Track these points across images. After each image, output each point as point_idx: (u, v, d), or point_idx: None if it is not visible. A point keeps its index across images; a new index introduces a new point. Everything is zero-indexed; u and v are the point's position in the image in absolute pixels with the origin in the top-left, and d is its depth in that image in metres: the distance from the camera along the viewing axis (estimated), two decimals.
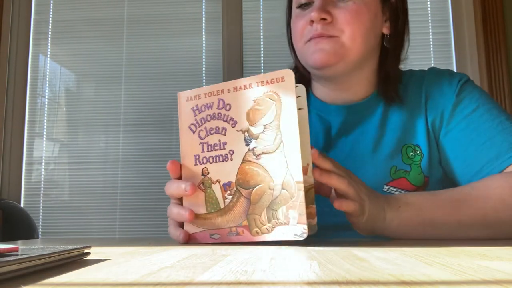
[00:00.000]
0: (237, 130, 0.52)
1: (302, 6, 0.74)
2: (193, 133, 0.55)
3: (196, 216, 0.54)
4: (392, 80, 0.76)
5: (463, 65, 1.86)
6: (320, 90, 0.79)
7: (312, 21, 0.70)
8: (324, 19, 0.69)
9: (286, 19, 0.82)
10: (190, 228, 0.54)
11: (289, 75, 0.50)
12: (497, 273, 0.26)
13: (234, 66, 1.93)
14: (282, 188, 0.49)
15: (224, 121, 0.53)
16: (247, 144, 0.51)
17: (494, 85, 1.81)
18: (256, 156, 0.50)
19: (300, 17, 0.73)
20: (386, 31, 0.76)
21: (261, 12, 1.98)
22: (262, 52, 1.95)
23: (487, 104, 0.71)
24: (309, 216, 0.50)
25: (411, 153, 0.73)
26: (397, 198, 0.61)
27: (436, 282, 0.23)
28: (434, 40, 1.89)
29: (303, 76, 0.81)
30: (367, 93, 0.77)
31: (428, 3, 1.90)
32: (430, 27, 1.89)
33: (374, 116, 0.76)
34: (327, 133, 0.77)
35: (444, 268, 0.28)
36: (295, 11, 0.76)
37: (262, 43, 1.96)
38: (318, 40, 0.70)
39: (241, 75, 1.92)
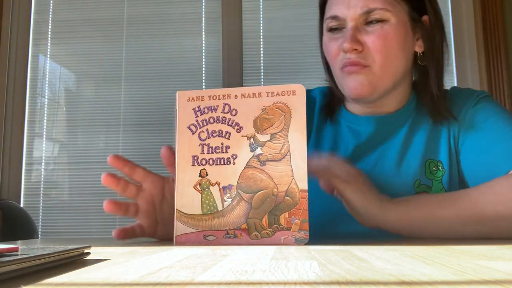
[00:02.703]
0: (242, 136, 0.52)
1: (332, 30, 0.74)
2: (193, 133, 0.55)
3: (190, 217, 0.53)
4: (441, 99, 0.75)
5: (462, 65, 1.86)
6: (353, 105, 0.80)
7: (345, 51, 0.71)
8: (356, 49, 0.70)
9: (318, 37, 0.81)
10: (182, 228, 0.53)
11: (300, 89, 0.51)
12: (497, 273, 0.26)
13: (234, 66, 1.93)
14: (286, 195, 0.50)
15: (228, 125, 0.53)
16: (252, 150, 0.52)
17: (494, 85, 1.81)
18: (261, 163, 0.51)
19: (333, 41, 0.74)
20: (418, 49, 0.76)
21: (261, 12, 1.98)
22: (262, 52, 1.95)
23: (502, 113, 0.72)
24: None
25: (433, 168, 0.74)
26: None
27: (436, 282, 0.23)
28: None
29: (337, 96, 0.81)
30: (399, 106, 0.78)
31: None
32: None
33: (402, 129, 0.77)
34: (357, 144, 0.78)
35: (444, 268, 0.28)
36: (326, 34, 0.76)
37: (262, 43, 1.96)
38: (351, 69, 0.71)
39: (241, 75, 1.92)
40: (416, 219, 0.62)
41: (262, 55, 1.95)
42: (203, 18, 1.99)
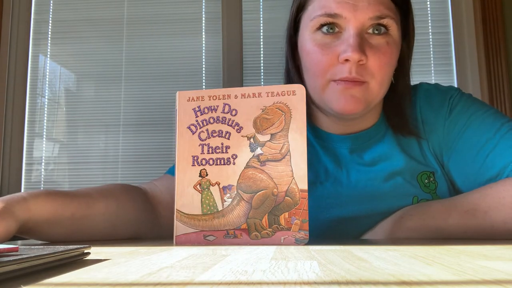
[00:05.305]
0: (242, 136, 0.53)
1: (324, 28, 0.64)
2: (193, 133, 0.55)
3: (190, 217, 0.53)
4: (405, 114, 0.70)
5: (462, 65, 1.86)
6: (323, 121, 0.73)
7: (346, 60, 0.62)
8: (361, 60, 0.61)
9: (287, 35, 0.70)
10: (182, 228, 0.53)
11: (300, 89, 0.52)
12: (497, 273, 0.26)
13: (234, 66, 1.93)
14: (286, 195, 0.50)
15: (228, 125, 0.53)
16: (252, 151, 0.52)
17: (494, 86, 1.81)
18: (261, 163, 0.51)
19: (325, 47, 0.64)
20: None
21: (261, 13, 1.97)
22: (262, 52, 1.95)
23: (478, 111, 0.68)
24: None
25: (426, 181, 0.68)
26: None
27: (436, 282, 0.23)
28: (434, 40, 1.89)
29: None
30: (372, 121, 0.72)
31: (428, 3, 1.90)
32: (429, 27, 1.89)
33: (382, 143, 0.71)
34: (337, 165, 0.71)
35: (444, 268, 0.28)
36: (313, 34, 0.65)
37: (262, 43, 1.96)
38: (348, 85, 0.63)
39: (241, 76, 1.92)
40: (423, 232, 0.61)
41: (262, 55, 1.95)
42: (203, 18, 1.99)
